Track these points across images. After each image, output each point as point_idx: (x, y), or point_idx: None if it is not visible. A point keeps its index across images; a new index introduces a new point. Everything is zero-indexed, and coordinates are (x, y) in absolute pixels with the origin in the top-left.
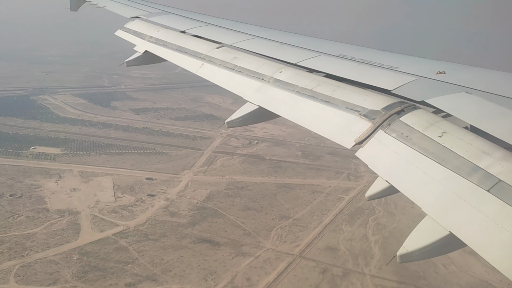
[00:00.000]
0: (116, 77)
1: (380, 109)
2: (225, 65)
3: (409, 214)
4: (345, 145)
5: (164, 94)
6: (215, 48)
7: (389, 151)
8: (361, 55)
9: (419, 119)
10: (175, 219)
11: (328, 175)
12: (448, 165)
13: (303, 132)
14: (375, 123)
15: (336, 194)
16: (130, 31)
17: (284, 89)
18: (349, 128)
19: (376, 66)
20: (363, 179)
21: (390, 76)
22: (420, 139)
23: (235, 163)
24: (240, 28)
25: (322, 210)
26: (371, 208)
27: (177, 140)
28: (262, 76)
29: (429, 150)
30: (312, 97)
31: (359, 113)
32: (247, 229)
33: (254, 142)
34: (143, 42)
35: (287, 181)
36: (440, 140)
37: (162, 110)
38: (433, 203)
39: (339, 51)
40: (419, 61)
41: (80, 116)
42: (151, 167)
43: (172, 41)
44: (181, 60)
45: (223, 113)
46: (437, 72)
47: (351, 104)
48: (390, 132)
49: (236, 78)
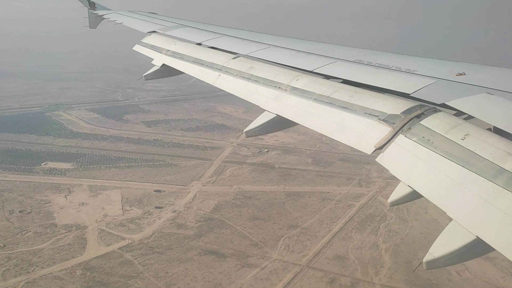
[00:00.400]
0: (130, 90)
1: (399, 113)
2: (241, 75)
3: (422, 220)
4: (365, 151)
5: (177, 105)
6: (231, 59)
7: (411, 156)
8: (378, 59)
9: (440, 122)
10: (181, 231)
11: (338, 181)
12: (473, 168)
13: (314, 139)
14: (395, 127)
15: (347, 201)
16: (148, 46)
17: (301, 97)
18: (368, 133)
19: (393, 70)
20: (375, 185)
21: (409, 80)
22: (442, 142)
23: (244, 173)
24: (255, 38)
25: (332, 218)
26: (383, 215)
27: (187, 151)
28: (279, 84)
29: (452, 153)
30: (329, 104)
31: (378, 118)
32: (254, 240)
33: (264, 150)
34: (160, 55)
35: (296, 189)
36: (463, 142)
37: (173, 122)
38: (458, 208)
39: (356, 56)
40: (437, 63)
41: (93, 131)
42: (160, 179)
43: (189, 54)
44: (198, 72)
45: (235, 122)
46: (456, 74)
47: (370, 109)
48: (410, 136)
49: (253, 87)
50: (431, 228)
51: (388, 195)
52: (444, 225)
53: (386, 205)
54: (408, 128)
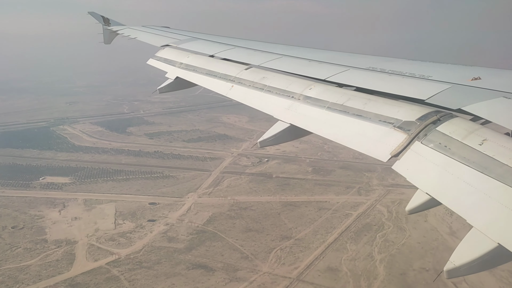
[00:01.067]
0: (137, 103)
1: (414, 120)
2: (254, 85)
3: (421, 229)
4: (380, 159)
5: (181, 116)
6: (243, 70)
7: (428, 163)
8: (391, 66)
9: (457, 127)
10: (172, 244)
11: (337, 190)
12: (492, 173)
13: (316, 147)
14: (411, 134)
15: (344, 211)
16: (161, 59)
17: (315, 106)
18: (383, 141)
19: (407, 76)
20: (375, 193)
21: (423, 86)
22: (460, 148)
23: (242, 183)
24: (266, 48)
25: (327, 228)
26: (380, 224)
27: (186, 163)
28: (292, 94)
29: (470, 159)
30: (343, 112)
31: (393, 125)
32: (245, 252)
33: (264, 160)
34: (174, 68)
35: (293, 199)
36: (481, 148)
37: (176, 133)
38: (478, 215)
39: (368, 64)
40: (452, 68)
41: (95, 144)
42: (156, 191)
43: (202, 66)
44: (211, 84)
45: (237, 132)
46: (472, 78)
47: (384, 116)
48: (427, 143)
49: (266, 97)
50: (429, 237)
51: (387, 204)
52: (443, 234)
53: (384, 214)
54: (424, 135)
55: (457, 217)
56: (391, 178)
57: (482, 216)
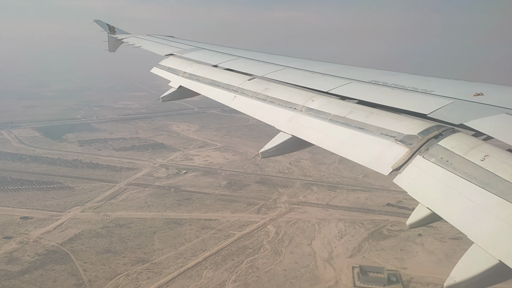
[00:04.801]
0: (97, 109)
1: (416, 134)
2: (257, 96)
3: (298, 253)
4: (382, 172)
5: (131, 124)
6: (246, 80)
7: (429, 177)
8: (393, 80)
9: (459, 142)
10: (7, 267)
11: (237, 207)
12: (493, 189)
13: (246, 160)
14: (412, 148)
15: (229, 231)
16: (165, 68)
17: (317, 118)
18: (385, 154)
19: (409, 90)
20: (275, 211)
21: (425, 100)
22: (461, 163)
23: (140, 197)
24: (270, 60)
25: (196, 250)
26: (258, 247)
27: (98, 173)
28: (294, 105)
29: (471, 174)
30: (345, 124)
31: (395, 138)
32: (82, 279)
33: (182, 172)
34: (177, 77)
35: (182, 216)
36: (482, 164)
37: (112, 141)
38: (479, 231)
39: (371, 77)
40: (454, 83)
41: (18, 150)
42: (39, 204)
43: (205, 75)
44: (214, 93)
45: (177, 141)
46: (474, 94)
47: (386, 129)
48: (428, 157)
49: (268, 108)
50: (301, 263)
51: (280, 224)
52: (318, 260)
53: (269, 235)
54: (425, 149)
55: (346, 240)
56: (303, 195)
57: (483, 232)
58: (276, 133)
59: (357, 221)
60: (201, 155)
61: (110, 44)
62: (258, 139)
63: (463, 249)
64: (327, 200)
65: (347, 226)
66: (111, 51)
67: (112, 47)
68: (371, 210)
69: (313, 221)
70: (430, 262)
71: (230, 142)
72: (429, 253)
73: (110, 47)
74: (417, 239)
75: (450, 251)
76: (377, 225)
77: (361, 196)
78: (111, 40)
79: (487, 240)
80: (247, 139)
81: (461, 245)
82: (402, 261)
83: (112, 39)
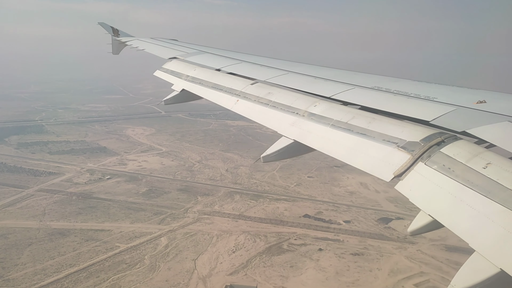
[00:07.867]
0: (61, 111)
1: (419, 141)
2: (259, 100)
3: (176, 270)
4: (383, 178)
5: (87, 126)
6: (249, 85)
7: (431, 184)
8: (396, 86)
9: (461, 150)
10: None
11: (140, 216)
12: (495, 197)
13: (180, 166)
14: (414, 155)
15: (114, 243)
16: (168, 71)
17: (319, 123)
18: (386, 160)
19: (412, 97)
20: (179, 222)
21: (428, 107)
22: (464, 171)
23: (42, 204)
24: (273, 64)
25: (63, 265)
26: (135, 262)
27: (13, 177)
28: (297, 110)
29: (473, 182)
30: (347, 130)
31: (397, 145)
32: None
33: (106, 178)
34: (180, 81)
35: (75, 226)
36: (484, 171)
37: (54, 144)
38: (481, 239)
39: (374, 83)
40: (457, 90)
41: None
42: None
43: (208, 79)
44: (216, 97)
45: (122, 145)
46: (477, 102)
47: (388, 136)
48: (430, 164)
49: (270, 113)
50: (173, 281)
51: (177, 236)
52: (194, 278)
53: (157, 248)
54: (428, 156)
55: (238, 255)
56: (220, 204)
57: (485, 240)
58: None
59: (262, 233)
60: (138, 160)
61: (114, 46)
62: (208, 144)
63: (358, 266)
64: (243, 210)
65: (247, 239)
66: (115, 53)
67: (116, 50)
68: (283, 221)
69: (214, 233)
70: (315, 280)
71: (177, 147)
72: (320, 270)
73: (114, 49)
74: (314, 255)
75: (343, 268)
76: (280, 238)
77: (280, 206)
78: (114, 42)
79: (488, 248)
80: (196, 144)
81: (359, 262)
82: (284, 280)
83: (115, 42)
